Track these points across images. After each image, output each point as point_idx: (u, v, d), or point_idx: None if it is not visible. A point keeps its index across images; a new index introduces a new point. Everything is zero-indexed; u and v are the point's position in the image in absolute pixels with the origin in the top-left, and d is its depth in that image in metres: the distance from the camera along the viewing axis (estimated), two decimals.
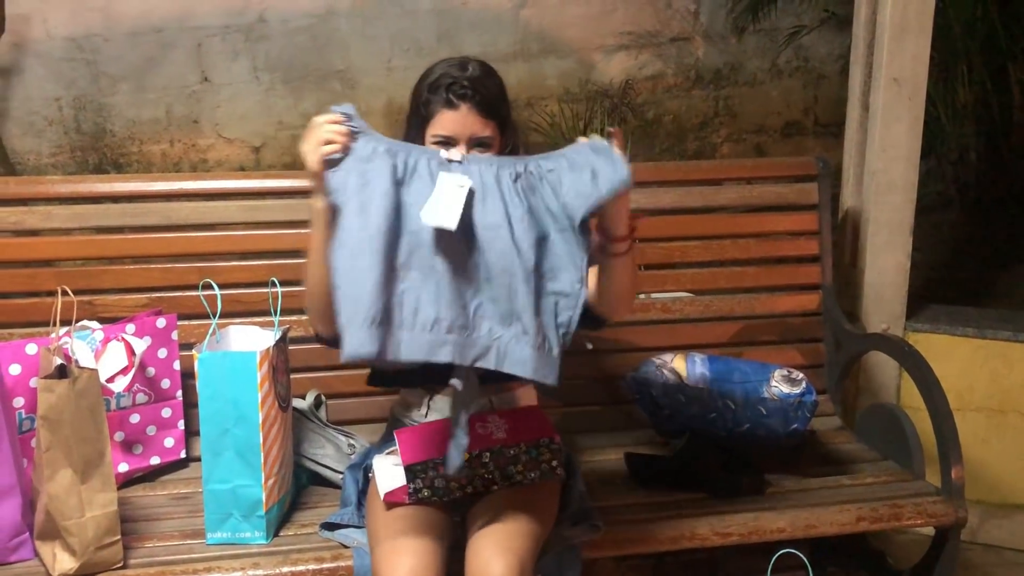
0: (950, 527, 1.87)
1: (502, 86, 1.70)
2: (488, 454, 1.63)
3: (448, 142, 1.62)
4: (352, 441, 2.00)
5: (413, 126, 1.68)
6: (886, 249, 2.49)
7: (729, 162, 3.20)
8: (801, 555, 1.60)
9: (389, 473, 1.65)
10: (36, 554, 1.65)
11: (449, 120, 1.62)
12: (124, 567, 1.62)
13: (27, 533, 1.65)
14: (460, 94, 1.61)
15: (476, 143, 1.63)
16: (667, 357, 2.07)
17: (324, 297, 1.49)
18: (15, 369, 1.81)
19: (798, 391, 1.92)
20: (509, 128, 1.71)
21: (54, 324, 1.64)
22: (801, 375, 1.97)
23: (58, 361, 1.60)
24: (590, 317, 1.67)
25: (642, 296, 2.41)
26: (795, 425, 1.92)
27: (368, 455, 1.84)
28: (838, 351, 2.33)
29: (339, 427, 2.03)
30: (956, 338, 2.52)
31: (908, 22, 2.37)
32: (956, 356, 2.51)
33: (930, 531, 1.97)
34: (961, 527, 1.87)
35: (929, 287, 2.95)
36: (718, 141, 3.73)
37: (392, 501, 1.61)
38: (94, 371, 1.60)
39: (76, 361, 1.64)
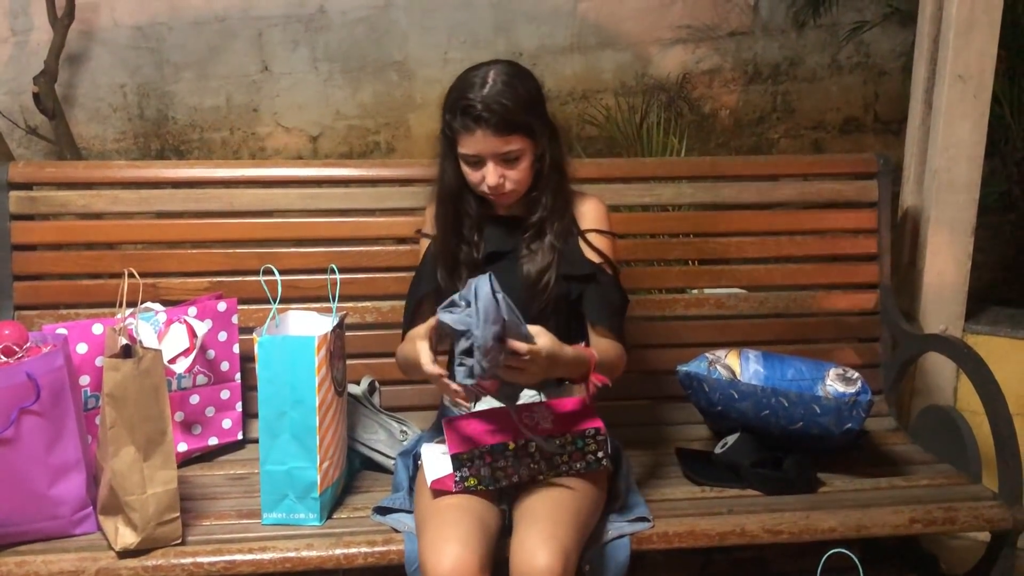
0: (1006, 533, 1.84)
1: (528, 94, 1.69)
2: (534, 444, 1.64)
3: (477, 160, 1.68)
4: (404, 428, 2.03)
5: (444, 142, 1.74)
6: (946, 249, 2.45)
7: (787, 158, 3.16)
8: (852, 556, 1.59)
9: (436, 461, 1.68)
10: (99, 528, 1.69)
11: (470, 142, 1.67)
12: (182, 543, 1.66)
13: (91, 507, 1.70)
14: (475, 117, 1.64)
15: (502, 158, 1.68)
16: (720, 353, 2.05)
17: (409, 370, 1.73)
18: (82, 348, 1.86)
19: (853, 390, 1.90)
20: (540, 132, 1.72)
21: (120, 305, 1.69)
22: (856, 374, 1.95)
23: (123, 341, 1.65)
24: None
25: (696, 291, 2.40)
26: (849, 424, 1.90)
27: (419, 442, 1.87)
28: (895, 351, 2.30)
29: (392, 413, 2.06)
30: (1017, 341, 2.46)
31: (975, 17, 2.32)
32: (1016, 359, 2.46)
33: (985, 537, 1.94)
34: (1019, 533, 1.84)
35: (990, 288, 2.89)
36: (775, 137, 3.68)
37: (438, 489, 1.63)
38: (158, 351, 1.64)
39: (140, 342, 1.68)
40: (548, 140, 1.74)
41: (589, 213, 1.84)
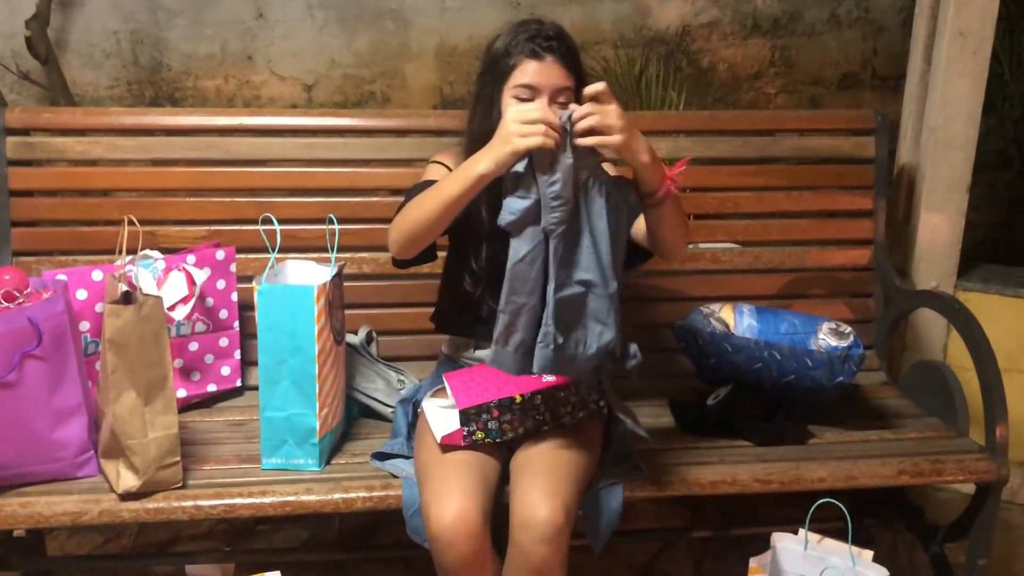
0: (991, 484, 1.87)
1: (578, 45, 1.72)
2: (540, 396, 1.67)
3: (531, 90, 1.64)
4: (401, 377, 2.05)
5: (487, 83, 1.70)
6: (941, 206, 2.47)
7: (787, 113, 3.15)
8: (841, 506, 1.63)
9: (442, 417, 1.70)
10: (101, 471, 1.72)
11: (534, 70, 1.64)
12: (183, 487, 1.69)
13: (92, 451, 1.73)
14: (546, 46, 1.64)
15: (558, 93, 1.65)
16: (715, 307, 2.08)
17: (425, 231, 1.60)
18: (81, 294, 1.87)
19: (845, 344, 1.93)
20: (583, 86, 1.71)
21: (119, 252, 1.70)
22: (849, 328, 1.97)
23: (123, 288, 1.66)
24: (640, 252, 1.73)
25: (691, 246, 2.42)
26: (840, 378, 1.93)
27: (418, 390, 1.89)
28: (887, 307, 2.32)
29: (389, 363, 2.08)
30: (1007, 298, 2.50)
31: None
32: (1006, 316, 2.49)
33: (970, 489, 1.98)
34: (1003, 485, 1.87)
35: (983, 246, 2.92)
36: (772, 92, 3.66)
37: (448, 444, 1.66)
38: (158, 298, 1.65)
39: (140, 288, 1.69)
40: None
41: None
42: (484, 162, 1.50)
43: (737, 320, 2.03)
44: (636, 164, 1.55)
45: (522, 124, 1.46)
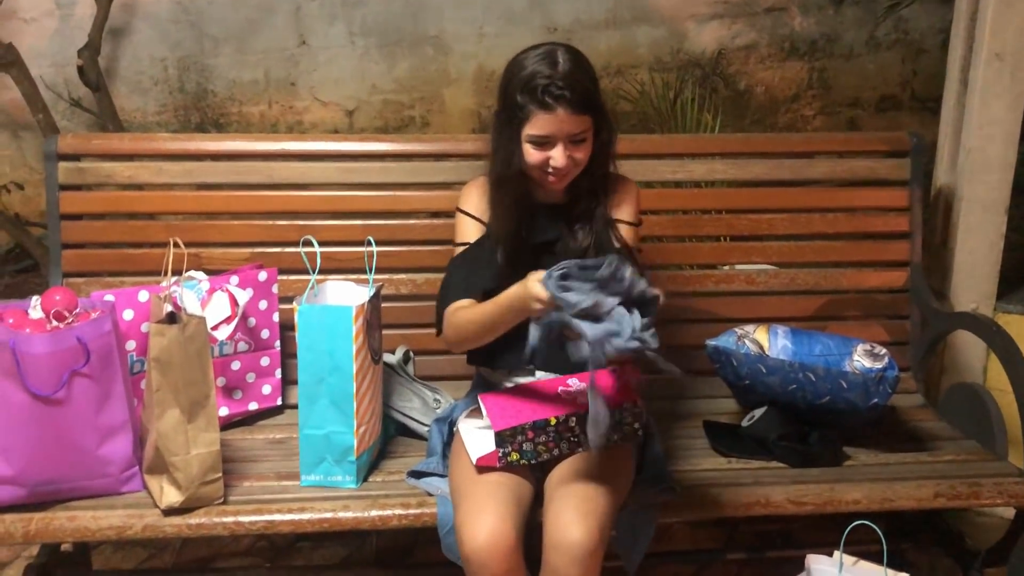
0: None
1: (593, 74, 1.71)
2: (574, 419, 1.68)
3: (546, 139, 1.67)
4: (437, 396, 2.08)
5: (505, 124, 1.71)
6: (979, 228, 2.45)
7: (821, 135, 3.16)
8: (876, 528, 1.62)
9: (478, 438, 1.72)
10: (145, 487, 1.76)
11: (545, 123, 1.66)
12: (224, 503, 1.73)
13: (137, 467, 1.77)
14: (556, 96, 1.63)
15: (572, 137, 1.68)
16: (749, 328, 2.08)
17: (479, 343, 1.74)
18: (128, 314, 1.93)
19: (880, 366, 1.92)
20: (602, 115, 1.73)
21: (165, 273, 1.75)
22: (884, 350, 1.96)
23: (168, 308, 1.71)
24: None
25: (726, 268, 2.43)
26: (875, 400, 1.92)
27: (453, 410, 1.92)
28: (924, 329, 2.31)
29: (426, 382, 2.11)
30: None
31: None
32: None
33: (1010, 514, 1.96)
34: None
35: (1022, 268, 2.88)
36: (810, 114, 3.67)
37: (483, 465, 1.68)
38: (202, 318, 1.69)
39: (184, 309, 1.74)
40: (606, 123, 1.75)
41: (624, 201, 1.86)
42: (521, 313, 1.58)
43: (772, 341, 2.03)
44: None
45: (536, 303, 1.52)
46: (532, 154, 1.70)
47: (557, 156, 1.68)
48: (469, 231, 1.85)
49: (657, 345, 1.47)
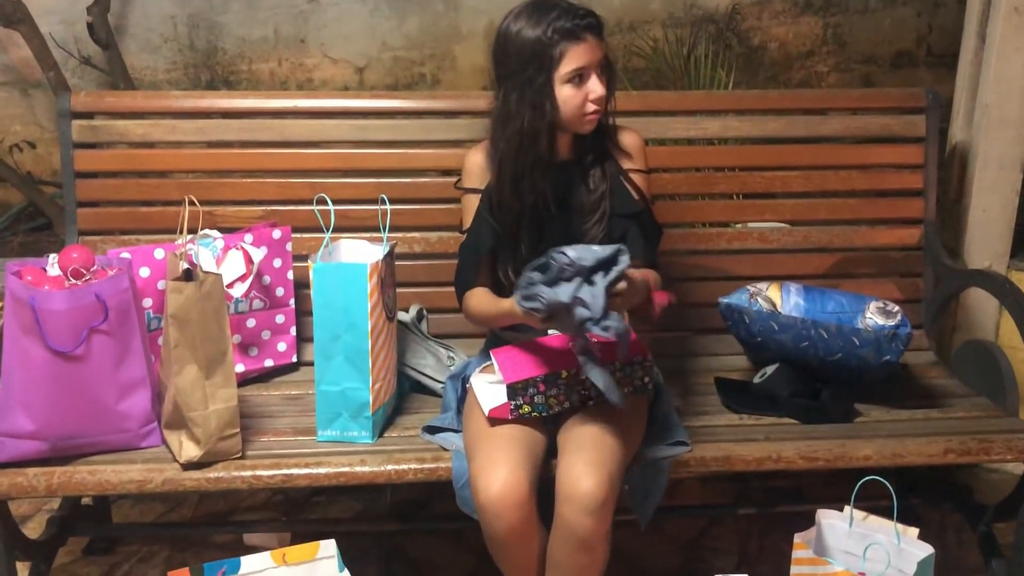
0: None
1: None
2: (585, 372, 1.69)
3: (581, 75, 1.69)
4: (451, 353, 2.09)
5: (529, 81, 1.70)
6: (993, 185, 2.44)
7: (835, 91, 3.13)
8: (887, 484, 1.63)
9: (490, 391, 1.73)
10: (164, 442, 1.79)
11: (579, 54, 1.68)
12: (242, 457, 1.75)
13: (156, 422, 1.80)
14: (583, 25, 1.67)
15: (602, 66, 1.71)
16: (762, 286, 2.08)
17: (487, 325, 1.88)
18: (144, 272, 1.94)
19: (892, 323, 1.92)
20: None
21: (180, 231, 1.76)
22: (896, 308, 1.96)
23: (184, 265, 1.72)
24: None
25: (739, 225, 2.42)
26: (887, 357, 1.93)
27: (467, 367, 1.93)
28: (937, 286, 2.31)
29: (439, 339, 2.13)
30: None
31: None
32: None
33: (1020, 470, 1.97)
34: None
35: None
36: (825, 70, 3.62)
37: (495, 417, 1.70)
38: (218, 275, 1.71)
39: (199, 266, 1.75)
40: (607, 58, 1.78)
41: (631, 149, 1.87)
42: (525, 320, 1.63)
43: (784, 299, 2.04)
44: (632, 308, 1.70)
45: (531, 320, 1.60)
46: (571, 96, 1.70)
47: (595, 85, 1.71)
48: (474, 209, 1.86)
49: (621, 326, 1.52)
